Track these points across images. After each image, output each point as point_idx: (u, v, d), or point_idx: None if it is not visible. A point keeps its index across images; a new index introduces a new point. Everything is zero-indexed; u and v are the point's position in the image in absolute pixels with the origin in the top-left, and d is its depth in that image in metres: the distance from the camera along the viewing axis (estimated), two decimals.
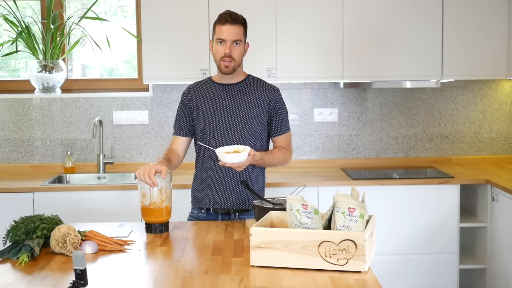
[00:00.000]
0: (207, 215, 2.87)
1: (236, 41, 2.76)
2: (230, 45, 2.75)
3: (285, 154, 2.88)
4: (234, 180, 2.81)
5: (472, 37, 3.92)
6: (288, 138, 2.91)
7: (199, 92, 2.89)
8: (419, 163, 4.30)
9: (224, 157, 2.56)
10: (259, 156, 2.70)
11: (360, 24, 3.89)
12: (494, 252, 3.69)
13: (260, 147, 2.85)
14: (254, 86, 2.87)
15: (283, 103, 2.90)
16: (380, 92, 4.28)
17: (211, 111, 2.83)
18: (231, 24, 2.74)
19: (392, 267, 3.77)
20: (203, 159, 2.86)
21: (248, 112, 2.82)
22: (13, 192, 3.67)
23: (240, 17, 2.79)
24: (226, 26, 2.75)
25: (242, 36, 2.79)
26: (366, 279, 1.97)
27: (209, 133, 2.82)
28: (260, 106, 2.83)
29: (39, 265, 2.17)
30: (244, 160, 2.58)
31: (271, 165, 2.89)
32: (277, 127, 2.87)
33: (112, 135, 4.24)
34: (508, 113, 4.33)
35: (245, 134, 2.81)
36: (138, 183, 2.56)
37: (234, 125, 2.81)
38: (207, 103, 2.85)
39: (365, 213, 2.06)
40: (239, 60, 2.79)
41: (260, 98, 2.84)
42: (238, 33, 2.76)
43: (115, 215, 3.63)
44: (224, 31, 2.75)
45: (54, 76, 4.08)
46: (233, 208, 2.82)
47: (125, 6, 4.41)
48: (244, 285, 1.95)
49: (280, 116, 2.87)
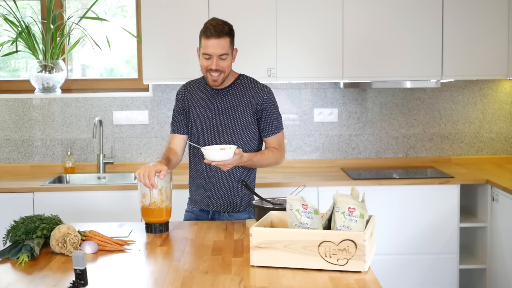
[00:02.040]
0: (200, 211, 2.89)
1: (222, 55, 2.70)
2: (216, 60, 2.69)
3: (276, 155, 2.84)
4: (229, 179, 2.81)
5: (472, 37, 3.92)
6: (279, 138, 2.87)
7: (192, 92, 2.88)
8: (419, 163, 4.30)
9: (209, 154, 2.54)
10: (247, 157, 2.67)
11: (360, 24, 3.89)
12: (494, 252, 3.69)
13: (250, 149, 2.83)
14: (243, 88, 2.83)
15: (273, 103, 2.85)
16: (380, 92, 4.28)
17: (202, 114, 2.83)
18: (216, 38, 2.66)
19: (392, 267, 3.77)
20: (194, 160, 2.88)
21: (235, 115, 2.80)
22: (13, 192, 3.67)
23: (225, 28, 2.70)
24: (211, 41, 2.67)
25: (229, 49, 2.71)
26: (366, 279, 1.97)
27: (199, 134, 2.83)
28: (248, 107, 2.80)
29: (39, 265, 2.17)
30: (230, 159, 2.55)
31: (261, 166, 2.86)
32: (266, 128, 2.84)
33: (112, 135, 4.24)
34: (508, 113, 4.33)
35: (234, 137, 2.79)
36: (138, 183, 2.56)
37: (223, 129, 2.80)
38: (198, 105, 2.85)
39: (365, 213, 2.06)
40: (227, 70, 2.75)
41: (247, 100, 2.81)
42: (224, 47, 2.69)
43: (115, 215, 3.63)
44: (209, 46, 2.67)
45: (54, 76, 4.08)
46: (224, 208, 2.84)
47: (125, 6, 4.41)
48: (244, 285, 1.95)
49: (269, 116, 2.83)
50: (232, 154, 2.55)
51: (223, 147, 2.58)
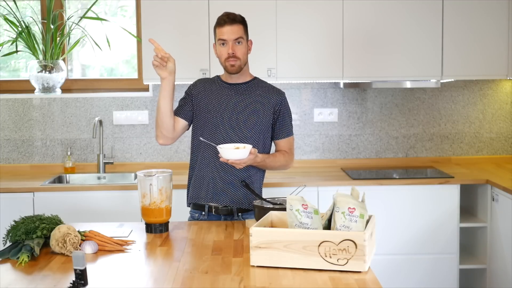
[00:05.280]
0: (209, 216, 2.85)
1: (238, 40, 2.78)
2: (232, 45, 2.77)
3: (287, 158, 2.89)
4: (235, 177, 2.80)
5: (472, 37, 3.92)
6: (290, 142, 2.92)
7: (206, 87, 2.90)
8: (419, 163, 4.30)
9: (225, 153, 2.57)
10: (261, 158, 2.72)
11: (360, 24, 3.89)
12: (494, 252, 3.69)
13: (262, 148, 2.85)
14: (261, 88, 2.89)
15: (288, 107, 2.92)
16: (380, 92, 4.28)
17: (216, 107, 2.84)
18: (230, 24, 2.77)
19: (392, 267, 3.77)
20: (204, 155, 2.85)
21: (253, 111, 2.83)
22: (13, 192, 3.67)
23: (238, 16, 2.82)
24: (225, 27, 2.78)
25: (243, 34, 2.81)
26: (366, 279, 1.97)
27: (211, 128, 2.82)
28: (266, 106, 2.84)
29: (39, 265, 2.17)
30: (245, 158, 2.59)
31: (273, 168, 2.90)
32: (280, 129, 2.88)
33: (112, 135, 4.24)
34: (508, 113, 4.33)
35: (249, 133, 2.81)
36: (138, 183, 2.56)
37: (238, 123, 2.81)
38: (212, 99, 2.86)
39: (365, 213, 2.06)
40: (243, 58, 2.81)
41: (266, 99, 2.86)
42: (238, 31, 2.78)
43: (115, 215, 3.63)
44: (224, 32, 2.78)
45: (54, 76, 4.08)
46: (235, 207, 2.82)
47: (125, 6, 4.41)
48: (244, 285, 1.95)
49: (284, 119, 2.89)
50: (248, 154, 2.58)
51: (238, 146, 2.61)
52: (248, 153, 2.59)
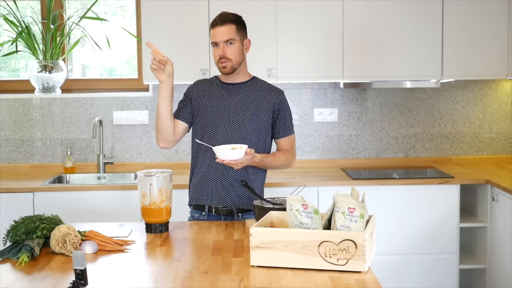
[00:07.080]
0: (209, 217, 2.85)
1: (229, 41, 2.76)
2: (223, 46, 2.76)
3: (288, 157, 2.88)
4: (235, 178, 2.80)
5: (472, 37, 3.92)
6: (291, 141, 2.91)
7: (205, 88, 2.89)
8: (419, 163, 4.30)
9: (221, 154, 2.56)
10: (259, 158, 2.70)
11: (360, 24, 3.89)
12: (494, 252, 3.69)
13: (262, 147, 2.85)
14: (259, 87, 2.88)
15: (287, 105, 2.90)
16: (380, 92, 4.28)
17: (215, 108, 2.83)
18: (220, 25, 2.76)
19: (392, 267, 3.77)
20: (204, 157, 2.85)
21: (253, 111, 2.82)
22: (13, 192, 3.67)
23: (230, 16, 2.79)
24: (216, 29, 2.77)
25: (235, 35, 2.78)
26: (366, 279, 1.97)
27: (211, 130, 2.82)
28: (265, 106, 2.83)
29: (39, 265, 2.17)
30: (241, 158, 2.57)
31: (273, 168, 2.88)
32: (281, 128, 2.87)
33: (112, 135, 4.24)
34: (508, 113, 4.33)
35: (249, 133, 2.80)
36: (138, 183, 2.56)
37: (238, 123, 2.81)
38: (211, 100, 2.85)
39: (365, 213, 2.06)
40: (235, 58, 2.79)
41: (265, 98, 2.84)
42: (229, 33, 2.76)
43: (115, 215, 3.63)
44: (215, 34, 2.78)
45: (54, 76, 4.08)
46: (235, 208, 2.81)
47: (125, 6, 4.41)
48: (244, 285, 1.95)
49: (284, 118, 2.87)
50: (243, 154, 2.57)
51: (235, 147, 2.61)
52: (244, 153, 2.57)
